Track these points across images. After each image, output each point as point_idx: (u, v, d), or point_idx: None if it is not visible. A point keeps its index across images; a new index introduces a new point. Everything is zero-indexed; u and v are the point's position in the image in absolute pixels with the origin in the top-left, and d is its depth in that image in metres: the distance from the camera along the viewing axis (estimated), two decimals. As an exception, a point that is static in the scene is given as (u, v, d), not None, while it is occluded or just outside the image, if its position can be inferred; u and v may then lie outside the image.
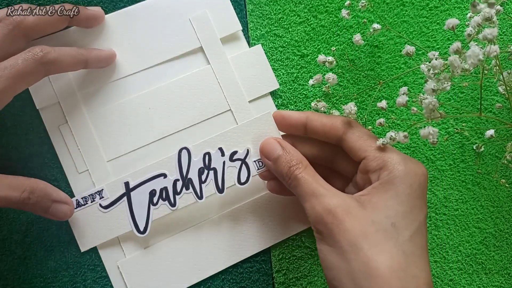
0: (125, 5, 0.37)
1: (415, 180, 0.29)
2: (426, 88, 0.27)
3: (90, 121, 0.36)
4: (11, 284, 0.34)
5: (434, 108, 0.27)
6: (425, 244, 0.28)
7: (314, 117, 0.32)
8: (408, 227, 0.27)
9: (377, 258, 0.26)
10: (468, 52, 0.25)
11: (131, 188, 0.34)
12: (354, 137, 0.31)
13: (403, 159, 0.29)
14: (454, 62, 0.26)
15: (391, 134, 0.29)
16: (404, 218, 0.28)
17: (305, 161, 0.31)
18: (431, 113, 0.28)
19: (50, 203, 0.32)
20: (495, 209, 0.37)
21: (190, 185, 0.34)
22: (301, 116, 0.33)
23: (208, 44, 0.37)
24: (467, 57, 0.25)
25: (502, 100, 0.38)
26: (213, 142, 0.34)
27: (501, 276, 0.37)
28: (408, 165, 0.29)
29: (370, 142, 0.30)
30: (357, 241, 0.27)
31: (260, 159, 0.34)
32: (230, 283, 0.36)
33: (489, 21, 0.26)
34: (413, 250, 0.27)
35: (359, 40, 0.35)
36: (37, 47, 0.30)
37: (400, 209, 0.28)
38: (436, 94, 0.27)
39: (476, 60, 0.24)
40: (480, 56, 0.24)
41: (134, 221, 0.34)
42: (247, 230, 0.36)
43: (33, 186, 0.31)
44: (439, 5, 0.39)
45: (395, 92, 0.38)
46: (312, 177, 0.30)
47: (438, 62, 0.27)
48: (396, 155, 0.30)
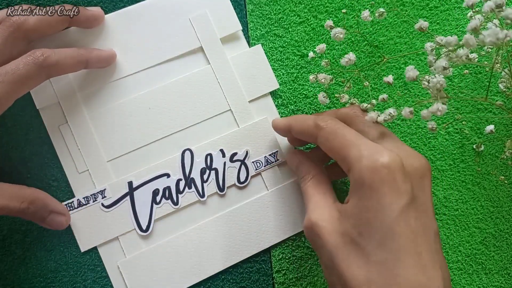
0: (125, 5, 0.37)
1: (376, 176, 0.25)
2: (436, 65, 0.26)
3: (90, 121, 0.36)
4: (11, 284, 0.34)
5: (441, 88, 0.26)
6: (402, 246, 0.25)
7: (294, 124, 0.32)
8: (373, 234, 0.25)
9: (348, 271, 0.26)
10: (488, 31, 0.24)
11: (134, 187, 0.35)
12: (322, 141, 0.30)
13: (366, 152, 0.26)
14: (469, 41, 0.25)
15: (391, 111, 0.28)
16: (369, 225, 0.25)
17: (314, 170, 0.32)
18: (438, 93, 0.27)
19: (47, 214, 0.33)
20: (495, 209, 0.37)
21: (192, 185, 0.36)
22: (285, 125, 0.33)
23: (208, 44, 0.37)
24: (486, 36, 0.24)
25: (503, 99, 0.38)
26: (214, 144, 0.36)
27: (501, 276, 0.37)
28: (370, 159, 0.26)
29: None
30: (332, 255, 0.27)
31: (258, 160, 0.36)
32: (230, 283, 0.36)
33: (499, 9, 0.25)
34: (385, 257, 0.25)
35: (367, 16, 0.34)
36: (38, 51, 0.30)
37: (364, 216, 0.26)
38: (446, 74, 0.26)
39: (495, 39, 0.24)
40: (499, 34, 0.24)
41: (136, 220, 0.35)
42: (247, 230, 0.36)
43: (33, 196, 0.32)
44: (439, 5, 0.39)
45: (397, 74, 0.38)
46: (313, 189, 0.31)
47: (453, 39, 0.26)
48: (357, 149, 0.27)
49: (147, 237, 0.35)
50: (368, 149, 0.26)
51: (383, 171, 0.25)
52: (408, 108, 0.28)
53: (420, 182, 0.27)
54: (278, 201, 0.36)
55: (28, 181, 0.35)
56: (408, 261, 0.24)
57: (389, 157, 0.26)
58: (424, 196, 0.27)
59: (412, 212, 0.25)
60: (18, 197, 0.31)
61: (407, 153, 0.28)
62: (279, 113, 0.38)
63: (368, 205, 0.26)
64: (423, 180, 0.27)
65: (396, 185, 0.25)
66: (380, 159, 0.26)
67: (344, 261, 0.26)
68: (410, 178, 0.26)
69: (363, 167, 0.26)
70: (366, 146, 0.27)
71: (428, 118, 0.27)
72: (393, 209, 0.25)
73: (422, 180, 0.27)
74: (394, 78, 0.38)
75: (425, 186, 0.27)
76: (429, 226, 0.26)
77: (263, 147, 0.37)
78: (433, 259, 0.25)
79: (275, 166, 0.37)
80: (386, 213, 0.25)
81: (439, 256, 0.26)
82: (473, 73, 0.38)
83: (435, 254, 0.26)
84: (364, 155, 0.26)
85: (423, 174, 0.27)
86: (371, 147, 0.27)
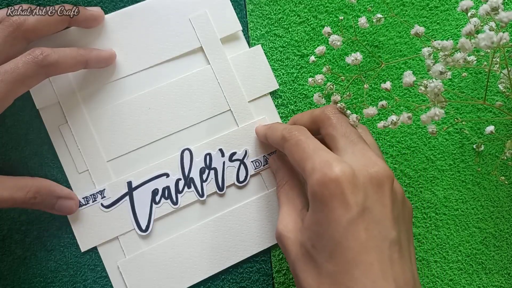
0: (125, 5, 0.37)
1: (325, 190, 0.25)
2: (433, 70, 0.26)
3: (90, 121, 0.36)
4: (11, 284, 0.34)
5: (439, 92, 0.26)
6: (351, 258, 0.24)
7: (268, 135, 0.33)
8: (324, 248, 0.25)
9: (304, 282, 0.26)
10: (483, 34, 0.24)
11: (133, 187, 0.35)
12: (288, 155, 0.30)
13: (318, 165, 0.26)
14: (465, 45, 0.25)
15: (393, 118, 0.28)
16: (320, 238, 0.26)
17: (286, 176, 0.33)
18: (436, 97, 0.27)
19: (55, 200, 0.33)
20: (495, 209, 0.37)
21: (192, 184, 0.36)
22: (262, 135, 0.35)
23: (208, 44, 0.37)
24: (480, 40, 0.24)
25: (502, 99, 0.38)
26: (213, 144, 0.36)
27: (501, 276, 0.37)
28: (320, 172, 0.26)
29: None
30: (293, 265, 0.28)
31: (257, 160, 0.36)
32: (230, 283, 0.36)
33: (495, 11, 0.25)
34: (334, 270, 0.25)
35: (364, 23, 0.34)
36: (37, 50, 0.30)
37: (316, 229, 0.26)
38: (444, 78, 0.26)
39: (490, 42, 0.24)
40: (494, 38, 0.24)
41: (136, 220, 0.35)
42: (247, 230, 0.36)
43: (37, 185, 0.32)
44: (439, 5, 0.39)
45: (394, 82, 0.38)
46: (284, 196, 0.32)
47: (448, 43, 0.26)
48: (311, 162, 0.27)
49: (147, 237, 0.35)
50: (320, 162, 0.26)
51: (331, 185, 0.25)
52: (406, 114, 0.28)
53: (376, 191, 0.26)
54: (277, 201, 0.36)
55: (28, 181, 0.35)
56: (356, 273, 0.24)
57: (339, 170, 0.25)
58: (380, 206, 0.26)
59: (362, 224, 0.25)
60: (22, 188, 0.31)
61: (366, 162, 0.27)
62: (279, 113, 0.38)
63: (319, 219, 0.26)
64: (380, 189, 0.26)
65: (344, 198, 0.25)
66: (329, 172, 0.25)
67: (301, 272, 0.27)
68: (363, 188, 0.26)
69: (314, 181, 0.26)
70: (319, 158, 0.27)
71: (428, 122, 0.27)
72: (341, 222, 0.25)
73: (378, 189, 0.26)
74: (393, 78, 0.38)
75: (382, 195, 0.26)
76: (384, 236, 0.25)
77: (262, 147, 0.37)
78: (384, 270, 0.25)
79: (275, 166, 0.37)
80: (335, 226, 0.25)
81: (395, 266, 0.25)
82: (473, 73, 0.38)
83: (389, 264, 0.25)
84: (316, 168, 0.26)
85: (380, 182, 0.26)
86: (324, 160, 0.26)
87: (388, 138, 0.38)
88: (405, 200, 0.29)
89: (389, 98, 0.38)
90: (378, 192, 0.26)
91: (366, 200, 0.26)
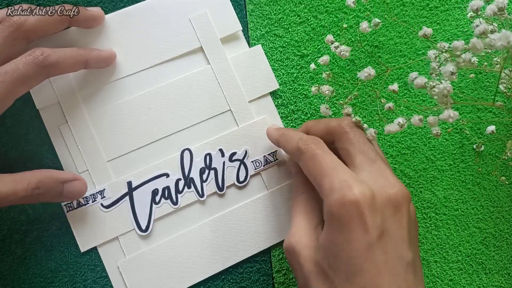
0: (125, 5, 0.37)
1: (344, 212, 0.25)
2: (444, 70, 0.26)
3: (90, 121, 0.36)
4: (11, 284, 0.34)
5: (448, 93, 0.26)
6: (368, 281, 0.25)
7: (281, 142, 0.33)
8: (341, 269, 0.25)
9: None
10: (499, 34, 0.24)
11: (133, 187, 0.35)
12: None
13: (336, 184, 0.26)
14: (476, 45, 0.25)
15: (399, 120, 0.28)
16: (337, 258, 0.26)
17: (306, 186, 0.31)
18: (444, 99, 0.26)
19: (61, 186, 0.32)
20: (495, 209, 0.37)
21: (192, 184, 0.36)
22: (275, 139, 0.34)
23: (208, 44, 0.37)
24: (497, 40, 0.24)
25: (502, 99, 0.38)
26: (213, 144, 0.36)
27: (501, 276, 0.37)
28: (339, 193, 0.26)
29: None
30: (306, 281, 0.27)
31: (257, 160, 0.36)
32: (230, 283, 0.36)
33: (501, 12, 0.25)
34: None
35: (366, 27, 0.34)
36: (37, 50, 0.30)
37: (333, 249, 0.26)
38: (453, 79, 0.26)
39: (506, 42, 0.23)
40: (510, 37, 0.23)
41: (136, 220, 0.35)
42: (247, 230, 0.36)
43: (37, 175, 0.31)
44: (439, 5, 0.39)
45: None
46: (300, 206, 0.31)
47: (459, 43, 0.26)
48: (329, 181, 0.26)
49: (147, 237, 0.35)
50: (339, 181, 0.26)
51: (350, 207, 0.25)
52: (417, 116, 0.27)
53: (394, 213, 0.26)
54: (278, 201, 0.36)
55: (28, 181, 0.35)
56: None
57: (358, 192, 0.25)
58: (398, 228, 0.26)
59: (380, 247, 0.25)
60: (22, 180, 0.30)
61: (384, 182, 0.27)
62: (279, 113, 0.38)
63: (337, 239, 0.26)
64: (398, 211, 0.27)
65: (363, 221, 0.25)
66: (349, 193, 0.25)
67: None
68: (381, 210, 0.26)
69: (333, 201, 0.26)
70: (338, 177, 0.26)
71: (435, 125, 0.26)
72: (360, 245, 0.25)
73: (396, 211, 0.26)
74: (394, 78, 0.38)
75: (400, 216, 0.27)
76: (401, 258, 0.26)
77: (262, 147, 0.37)
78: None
79: (275, 166, 0.37)
80: (353, 248, 0.25)
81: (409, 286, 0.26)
82: (473, 73, 0.38)
83: (405, 286, 0.25)
84: (335, 188, 0.26)
85: (398, 204, 0.27)
86: (343, 179, 0.26)
87: (388, 138, 0.38)
88: (416, 218, 0.29)
89: (390, 98, 0.38)
90: (396, 214, 0.26)
91: (384, 222, 0.26)
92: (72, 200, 0.34)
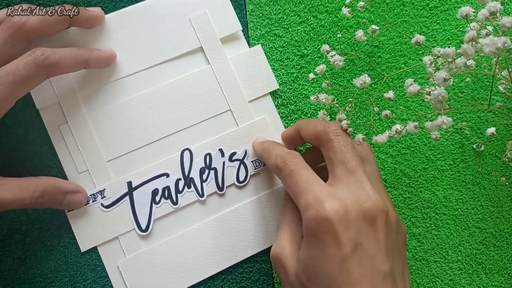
0: (125, 5, 0.37)
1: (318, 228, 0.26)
2: (437, 78, 0.26)
3: (90, 121, 0.36)
4: (11, 284, 0.34)
5: (443, 99, 0.26)
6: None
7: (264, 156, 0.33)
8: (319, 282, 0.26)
9: None
10: (486, 40, 0.24)
11: (133, 187, 0.35)
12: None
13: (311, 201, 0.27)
14: (468, 51, 0.25)
15: (397, 127, 0.28)
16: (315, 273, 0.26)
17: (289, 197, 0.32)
18: (440, 104, 0.26)
19: (63, 196, 0.33)
20: (495, 209, 0.37)
21: (192, 184, 0.36)
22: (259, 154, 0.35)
23: (208, 44, 0.37)
24: (484, 45, 0.24)
25: (502, 100, 0.38)
26: (213, 144, 0.36)
27: (501, 276, 0.37)
28: (313, 209, 0.26)
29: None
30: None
31: (257, 160, 0.36)
32: (230, 283, 0.36)
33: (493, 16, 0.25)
34: None
35: (362, 36, 0.35)
36: (37, 50, 0.30)
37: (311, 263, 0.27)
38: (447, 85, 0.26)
39: (494, 48, 0.23)
40: (498, 44, 0.23)
41: (136, 220, 0.35)
42: (247, 230, 0.36)
43: (42, 184, 0.32)
44: (439, 5, 0.39)
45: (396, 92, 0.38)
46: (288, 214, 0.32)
47: (450, 50, 0.26)
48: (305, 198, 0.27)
49: (147, 237, 0.35)
50: (313, 198, 0.27)
51: (324, 223, 0.26)
52: (412, 123, 0.27)
53: (369, 226, 0.27)
54: (278, 201, 0.36)
55: (28, 181, 0.35)
56: None
57: (330, 208, 0.26)
58: (373, 240, 0.27)
59: (355, 260, 0.26)
60: (27, 188, 0.31)
61: (360, 195, 0.27)
62: (279, 113, 0.38)
63: (313, 254, 0.27)
64: (373, 224, 0.27)
65: (336, 236, 0.26)
66: (321, 210, 0.26)
67: None
68: (355, 224, 0.26)
69: (308, 217, 0.26)
70: (312, 194, 0.27)
71: (433, 130, 0.27)
72: (334, 259, 0.26)
73: (371, 224, 0.27)
74: (394, 78, 0.38)
75: (375, 229, 0.27)
76: (377, 270, 0.26)
77: (263, 147, 0.37)
78: None
79: (275, 166, 0.37)
80: (328, 263, 0.26)
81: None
82: (472, 73, 0.38)
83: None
84: (309, 205, 0.27)
85: (373, 217, 0.27)
86: (317, 196, 0.27)
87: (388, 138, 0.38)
88: (399, 226, 0.29)
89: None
90: (371, 227, 0.27)
91: (359, 236, 0.26)
92: (70, 209, 0.34)
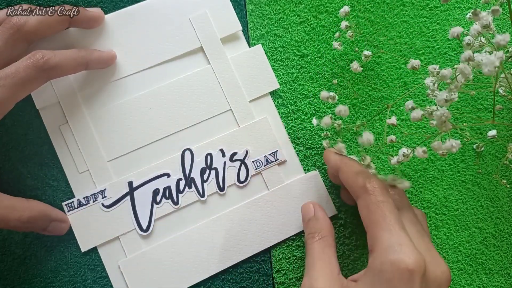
0: (125, 5, 0.37)
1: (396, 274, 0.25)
2: (438, 99, 0.26)
3: (91, 121, 0.36)
4: (11, 284, 0.34)
5: (446, 119, 0.26)
6: None
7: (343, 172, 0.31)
8: None
9: None
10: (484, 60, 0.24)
11: (134, 187, 0.35)
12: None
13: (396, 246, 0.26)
14: (464, 70, 0.25)
15: (404, 151, 0.28)
16: None
17: (324, 231, 0.31)
18: (443, 124, 0.26)
19: (48, 223, 0.33)
20: (495, 209, 0.37)
21: (192, 184, 0.36)
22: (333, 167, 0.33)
23: (208, 44, 0.37)
24: (483, 65, 0.24)
25: (502, 101, 0.38)
26: (214, 144, 0.36)
27: (501, 276, 0.37)
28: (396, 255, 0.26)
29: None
30: None
31: (258, 160, 0.36)
32: (230, 283, 0.36)
33: (487, 28, 0.26)
34: None
35: (357, 67, 0.35)
36: (38, 53, 0.30)
37: None
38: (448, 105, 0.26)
39: (493, 68, 0.24)
40: (496, 63, 0.24)
41: (137, 220, 0.35)
42: (247, 230, 0.36)
43: (33, 209, 0.32)
44: (439, 5, 0.39)
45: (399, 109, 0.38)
46: (319, 251, 0.30)
47: (447, 72, 0.26)
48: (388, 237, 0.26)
49: (148, 237, 0.35)
50: (398, 242, 0.26)
51: (405, 273, 0.25)
52: (420, 148, 0.27)
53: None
54: (278, 201, 0.36)
55: (28, 181, 0.35)
56: None
57: (415, 261, 0.25)
58: None
59: None
60: (18, 209, 0.31)
61: (432, 257, 0.27)
62: (279, 113, 0.38)
63: None
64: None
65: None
66: (407, 260, 0.25)
67: None
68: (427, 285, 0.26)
69: (388, 260, 0.26)
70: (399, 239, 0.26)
71: (439, 149, 0.27)
72: None
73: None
74: (393, 78, 0.38)
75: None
76: None
77: (263, 147, 0.37)
78: None
79: (275, 166, 0.37)
80: None
81: None
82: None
83: None
84: (394, 249, 0.26)
85: (442, 284, 0.27)
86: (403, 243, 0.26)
87: (388, 138, 0.38)
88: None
89: (389, 98, 0.38)
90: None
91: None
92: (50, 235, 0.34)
